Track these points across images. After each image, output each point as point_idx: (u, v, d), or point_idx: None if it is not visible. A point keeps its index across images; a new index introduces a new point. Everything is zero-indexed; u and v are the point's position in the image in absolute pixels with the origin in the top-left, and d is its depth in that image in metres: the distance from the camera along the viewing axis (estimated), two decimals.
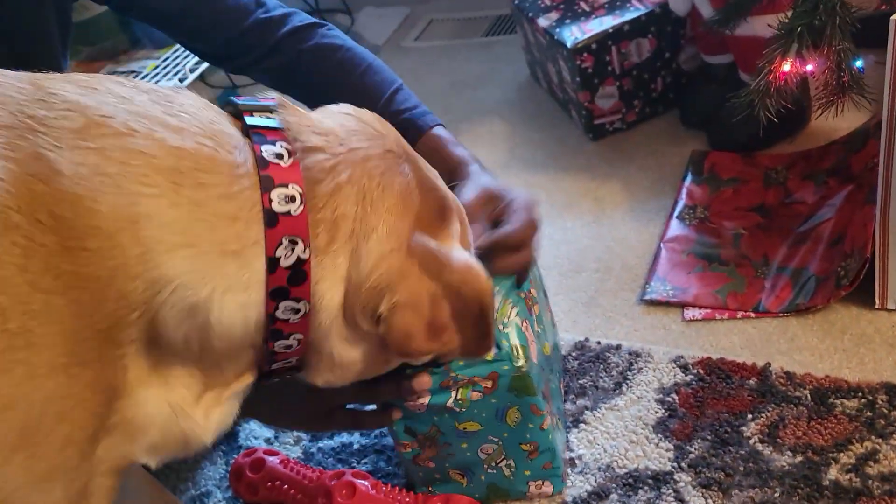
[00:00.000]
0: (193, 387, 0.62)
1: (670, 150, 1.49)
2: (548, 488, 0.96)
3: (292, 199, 0.60)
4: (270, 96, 0.67)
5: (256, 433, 1.15)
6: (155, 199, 0.55)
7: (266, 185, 0.59)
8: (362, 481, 0.95)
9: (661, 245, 1.28)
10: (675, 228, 1.30)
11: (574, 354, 1.14)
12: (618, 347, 1.13)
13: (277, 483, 1.00)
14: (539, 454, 0.93)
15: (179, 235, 0.55)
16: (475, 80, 1.93)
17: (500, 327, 0.85)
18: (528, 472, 0.95)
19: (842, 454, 0.92)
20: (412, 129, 0.97)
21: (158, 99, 0.59)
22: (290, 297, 0.60)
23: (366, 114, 0.70)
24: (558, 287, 1.27)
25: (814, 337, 1.07)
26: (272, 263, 0.59)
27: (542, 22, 1.58)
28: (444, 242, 0.68)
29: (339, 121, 0.67)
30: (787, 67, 1.03)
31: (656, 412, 1.03)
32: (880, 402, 0.96)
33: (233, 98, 0.66)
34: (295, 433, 1.13)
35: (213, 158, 0.58)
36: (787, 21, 1.02)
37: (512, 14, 1.78)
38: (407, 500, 0.94)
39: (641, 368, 1.10)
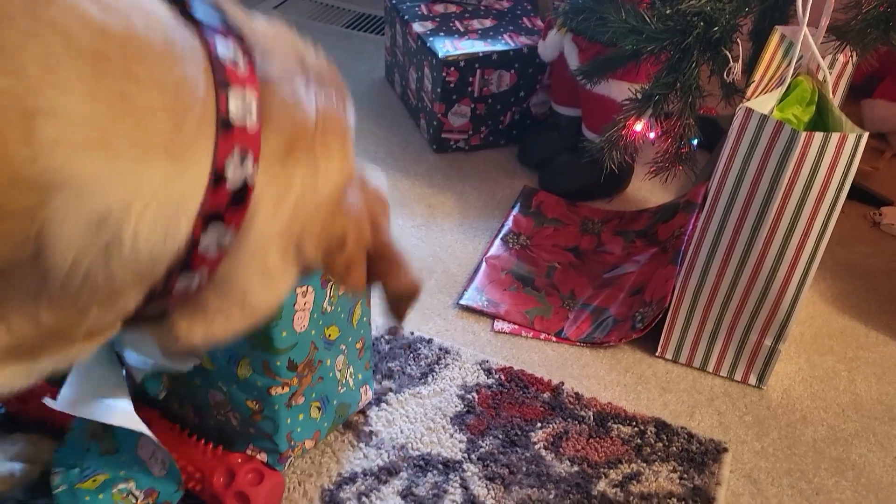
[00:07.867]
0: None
1: (504, 180, 1.59)
2: (368, 393, 1.05)
3: (249, 106, 0.51)
4: None
5: None
6: (64, 88, 0.43)
7: (221, 83, 0.50)
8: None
9: (483, 260, 1.35)
10: (498, 248, 1.38)
11: (387, 338, 1.17)
12: (429, 341, 1.17)
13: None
14: (365, 350, 1.02)
15: (92, 133, 0.44)
16: None
17: None
18: (360, 376, 1.02)
19: (612, 471, 1.02)
20: None
21: None
22: (223, 220, 0.50)
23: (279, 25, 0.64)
24: None
25: (602, 368, 1.18)
26: (217, 178, 0.49)
27: (417, 27, 1.62)
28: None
29: (264, 26, 0.62)
30: (639, 127, 1.16)
31: (456, 406, 1.08)
32: (649, 433, 1.08)
33: None
34: None
35: (149, 43, 0.47)
36: (647, 88, 1.15)
37: (385, 13, 1.81)
38: None
39: (448, 364, 1.14)
